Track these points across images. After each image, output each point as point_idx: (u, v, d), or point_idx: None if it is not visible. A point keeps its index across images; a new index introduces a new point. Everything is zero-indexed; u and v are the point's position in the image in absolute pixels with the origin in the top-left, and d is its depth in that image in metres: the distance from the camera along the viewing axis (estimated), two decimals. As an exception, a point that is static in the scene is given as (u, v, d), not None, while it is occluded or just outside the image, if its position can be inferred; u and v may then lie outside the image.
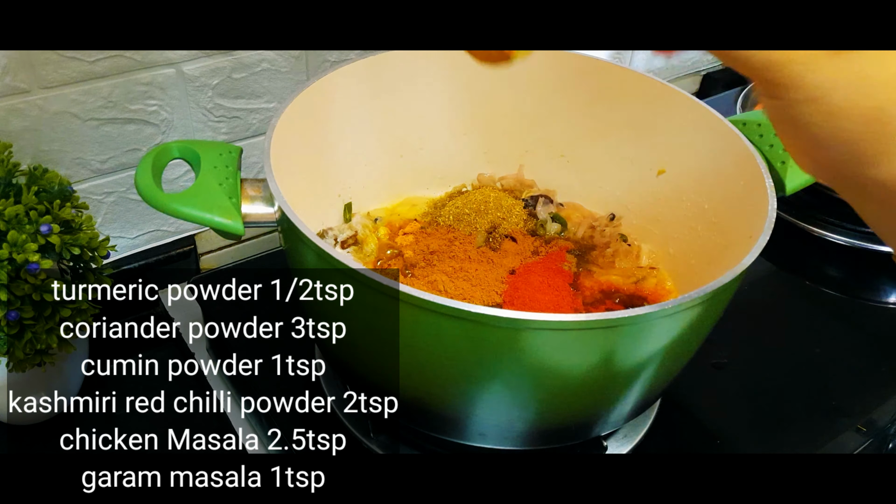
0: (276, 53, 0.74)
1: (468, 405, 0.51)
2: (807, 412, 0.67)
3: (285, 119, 0.58)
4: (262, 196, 0.54)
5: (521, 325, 0.43)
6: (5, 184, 0.54)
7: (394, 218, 0.73)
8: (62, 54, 0.62)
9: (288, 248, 0.54)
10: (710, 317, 0.51)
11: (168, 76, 0.69)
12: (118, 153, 0.70)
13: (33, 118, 0.64)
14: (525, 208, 0.72)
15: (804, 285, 0.85)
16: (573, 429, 0.55)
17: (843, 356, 0.73)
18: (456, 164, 0.76)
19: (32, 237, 0.51)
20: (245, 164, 0.59)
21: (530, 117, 0.74)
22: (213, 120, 0.74)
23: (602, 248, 0.71)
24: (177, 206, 0.51)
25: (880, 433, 0.66)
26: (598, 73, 0.70)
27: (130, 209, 0.74)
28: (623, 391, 0.52)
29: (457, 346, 0.46)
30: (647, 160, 0.70)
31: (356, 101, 0.68)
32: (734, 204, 0.60)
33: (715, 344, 0.70)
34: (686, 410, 0.66)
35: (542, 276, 0.65)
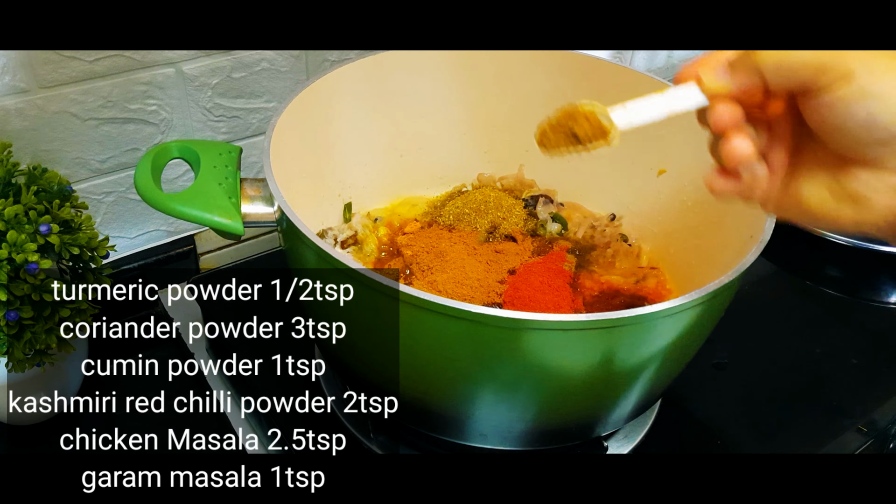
0: (275, 53, 0.74)
1: (468, 405, 0.51)
2: (807, 412, 0.67)
3: (285, 119, 0.58)
4: (261, 196, 0.53)
5: (521, 325, 0.43)
6: (5, 183, 0.54)
7: (394, 218, 0.73)
8: (62, 54, 0.62)
9: (288, 248, 0.54)
10: (711, 317, 0.51)
11: (168, 76, 0.69)
12: (118, 153, 0.70)
13: (33, 118, 0.64)
14: (525, 208, 0.72)
15: (804, 285, 0.85)
16: (573, 429, 0.55)
17: (843, 356, 0.73)
18: (456, 164, 0.76)
19: (32, 237, 0.51)
20: (245, 163, 0.59)
21: (530, 117, 0.74)
22: (213, 119, 0.74)
23: (602, 248, 0.71)
24: (176, 206, 0.51)
25: (881, 433, 0.66)
26: (599, 73, 0.70)
27: (130, 209, 0.74)
28: (623, 391, 0.52)
29: (457, 346, 0.46)
30: (647, 160, 0.70)
31: (356, 100, 0.68)
32: (734, 204, 0.60)
33: (715, 344, 0.70)
34: (686, 410, 0.66)
35: (542, 276, 0.65)
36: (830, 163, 0.33)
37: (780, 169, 0.35)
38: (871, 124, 0.30)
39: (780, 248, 0.57)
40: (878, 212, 0.32)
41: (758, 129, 0.35)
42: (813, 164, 0.34)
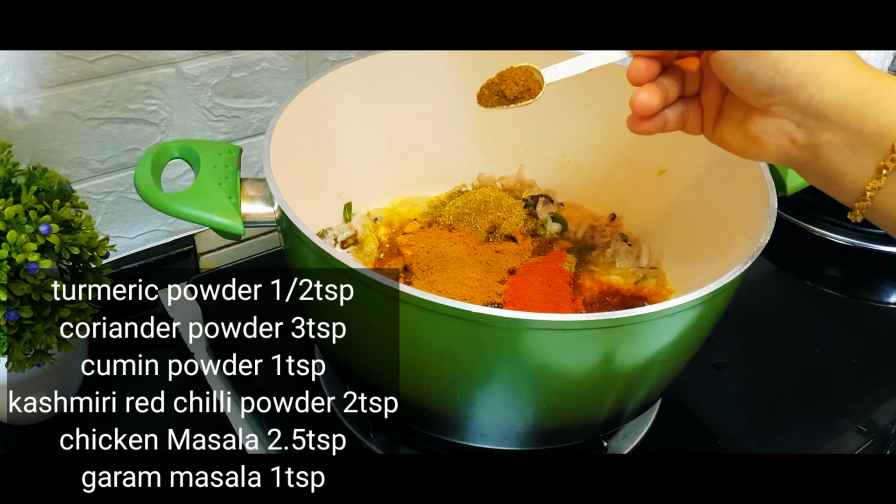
0: (275, 53, 0.74)
1: (468, 405, 0.51)
2: (807, 412, 0.67)
3: (285, 119, 0.58)
4: (261, 196, 0.53)
5: (521, 325, 0.43)
6: (5, 183, 0.54)
7: (394, 218, 0.73)
8: (62, 54, 0.62)
9: (288, 248, 0.54)
10: (710, 317, 0.51)
11: (168, 75, 0.69)
12: (117, 153, 0.70)
13: (33, 118, 0.64)
14: (525, 208, 0.72)
15: (804, 285, 0.85)
16: (573, 429, 0.55)
17: (843, 356, 0.73)
18: (456, 164, 0.76)
19: (32, 237, 0.51)
20: (245, 163, 0.59)
21: (530, 117, 0.74)
22: (213, 119, 0.74)
23: (602, 248, 0.71)
24: (176, 206, 0.51)
25: (881, 433, 0.66)
26: (599, 72, 0.70)
27: (130, 209, 0.74)
28: (623, 391, 0.52)
29: (457, 346, 0.46)
30: (647, 160, 0.70)
31: (356, 100, 0.68)
32: (734, 204, 0.60)
33: (715, 344, 0.70)
34: (686, 410, 0.66)
35: (542, 276, 0.65)
36: (740, 108, 0.39)
37: (712, 108, 0.41)
38: (751, 79, 0.36)
39: (780, 248, 0.57)
40: (771, 151, 0.39)
41: (688, 76, 0.41)
42: (731, 109, 0.40)
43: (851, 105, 0.35)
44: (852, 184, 0.36)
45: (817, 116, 0.36)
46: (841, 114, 0.35)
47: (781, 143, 0.38)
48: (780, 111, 0.37)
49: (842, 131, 0.36)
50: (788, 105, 0.37)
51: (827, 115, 0.36)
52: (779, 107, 0.37)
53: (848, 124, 0.35)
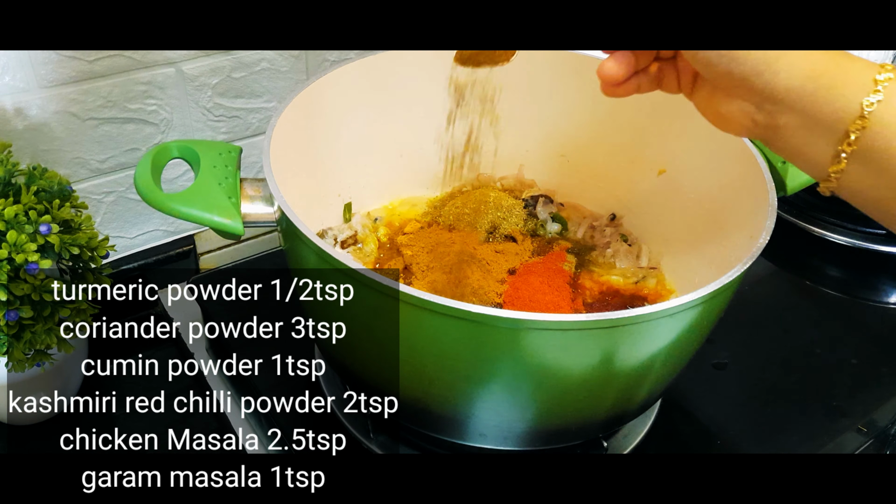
0: (275, 53, 0.74)
1: (468, 405, 0.51)
2: (807, 412, 0.67)
3: (285, 119, 0.58)
4: (261, 196, 0.53)
5: (521, 325, 0.43)
6: (5, 183, 0.54)
7: (394, 218, 0.73)
8: (62, 54, 0.62)
9: (288, 248, 0.54)
10: (710, 317, 0.51)
11: (167, 75, 0.69)
12: (117, 153, 0.70)
13: (32, 118, 0.64)
14: (525, 208, 0.72)
15: (804, 285, 0.85)
16: (573, 429, 0.55)
17: (843, 356, 0.73)
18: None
19: (32, 237, 0.51)
20: (245, 163, 0.59)
21: (530, 117, 0.74)
22: (213, 119, 0.74)
23: (602, 248, 0.71)
24: (176, 206, 0.51)
25: (881, 433, 0.66)
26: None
27: (130, 209, 0.74)
28: (623, 391, 0.52)
29: (457, 346, 0.46)
30: (647, 160, 0.70)
31: (356, 100, 0.68)
32: (734, 204, 0.60)
33: (715, 344, 0.70)
34: (686, 410, 0.66)
35: (542, 276, 0.65)
36: (707, 84, 0.41)
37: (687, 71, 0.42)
38: (708, 65, 0.37)
39: (780, 248, 0.57)
40: (735, 128, 0.40)
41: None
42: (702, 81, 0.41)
43: (806, 91, 0.36)
44: (815, 163, 0.37)
45: (774, 101, 0.37)
46: (796, 99, 0.36)
47: (744, 122, 0.39)
48: (740, 93, 0.38)
49: (798, 115, 0.36)
50: (746, 89, 0.37)
51: (782, 99, 0.36)
52: (738, 89, 0.38)
53: (804, 109, 0.36)
